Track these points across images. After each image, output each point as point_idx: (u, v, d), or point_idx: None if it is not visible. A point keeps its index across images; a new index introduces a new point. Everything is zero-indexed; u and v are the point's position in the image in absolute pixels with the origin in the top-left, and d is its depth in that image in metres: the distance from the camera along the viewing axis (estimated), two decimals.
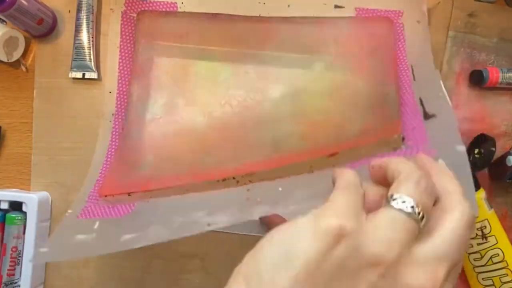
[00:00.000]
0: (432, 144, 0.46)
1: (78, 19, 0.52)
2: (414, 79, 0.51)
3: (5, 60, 0.51)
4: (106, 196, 0.47)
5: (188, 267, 0.52)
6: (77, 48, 0.52)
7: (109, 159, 0.52)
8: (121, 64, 0.53)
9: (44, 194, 0.52)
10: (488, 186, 0.52)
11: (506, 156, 0.49)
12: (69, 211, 0.47)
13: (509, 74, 0.51)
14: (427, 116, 0.48)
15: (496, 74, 0.51)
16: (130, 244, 0.39)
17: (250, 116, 0.51)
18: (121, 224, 0.45)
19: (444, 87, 0.52)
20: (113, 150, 0.52)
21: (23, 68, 0.53)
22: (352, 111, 0.49)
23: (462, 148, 0.40)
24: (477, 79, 0.52)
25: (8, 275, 0.49)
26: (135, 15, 0.53)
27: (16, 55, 0.52)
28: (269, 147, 0.49)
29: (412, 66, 0.52)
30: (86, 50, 0.52)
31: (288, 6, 0.54)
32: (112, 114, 0.52)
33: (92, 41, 0.52)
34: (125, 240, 0.40)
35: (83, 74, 0.52)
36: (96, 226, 0.45)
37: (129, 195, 0.47)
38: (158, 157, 0.49)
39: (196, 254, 0.52)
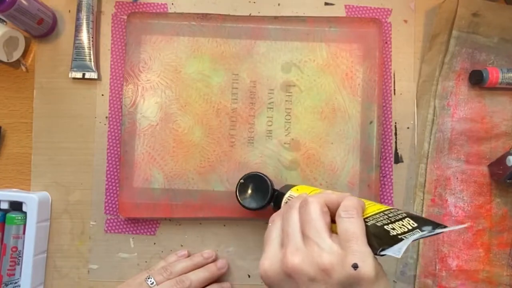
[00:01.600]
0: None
1: (78, 19, 0.52)
2: (394, 93, 0.53)
3: (5, 60, 0.51)
4: (127, 216, 0.51)
5: None
6: (77, 48, 0.52)
7: (112, 165, 0.52)
8: (112, 66, 0.53)
9: (44, 194, 0.52)
10: (488, 186, 0.52)
11: (506, 156, 0.49)
12: (92, 222, 0.52)
13: (509, 74, 0.51)
14: (397, 160, 0.53)
15: (496, 74, 0.51)
16: None
17: (244, 125, 0.52)
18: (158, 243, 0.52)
19: (444, 87, 0.53)
20: (112, 156, 0.52)
21: (23, 68, 0.53)
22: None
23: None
24: (477, 79, 0.52)
25: (8, 275, 0.49)
26: (125, 17, 0.53)
27: (16, 55, 0.52)
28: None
29: (394, 74, 0.53)
30: (86, 50, 0.52)
31: (279, 4, 0.54)
32: (106, 117, 0.53)
33: (92, 41, 0.52)
34: None
35: (83, 74, 0.52)
36: (132, 245, 0.52)
37: (149, 217, 0.52)
38: (165, 174, 0.51)
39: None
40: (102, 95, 0.53)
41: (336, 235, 0.32)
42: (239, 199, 0.46)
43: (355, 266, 0.29)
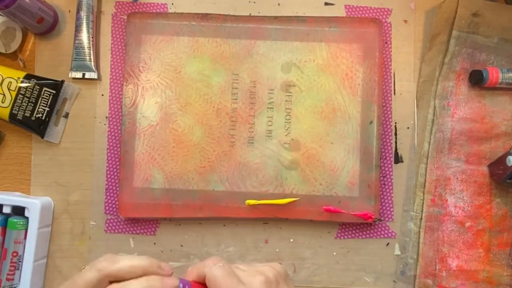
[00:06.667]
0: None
1: (78, 19, 0.52)
2: (394, 93, 0.53)
3: (3, 51, 0.51)
4: (127, 216, 0.51)
5: (188, 266, 0.52)
6: (77, 48, 0.52)
7: (112, 165, 0.52)
8: (112, 66, 0.53)
9: (47, 199, 0.51)
10: (488, 186, 0.52)
11: (506, 156, 0.49)
12: (92, 222, 0.52)
13: (509, 74, 0.51)
14: (397, 160, 0.53)
15: (496, 74, 0.51)
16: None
17: (244, 125, 0.52)
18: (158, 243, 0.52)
19: (444, 87, 0.53)
20: (112, 156, 0.52)
21: (21, 64, 0.53)
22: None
23: None
24: (477, 79, 0.52)
25: (8, 279, 0.48)
26: (125, 17, 0.53)
27: (14, 46, 0.52)
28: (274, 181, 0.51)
29: (394, 74, 0.54)
30: (86, 50, 0.52)
31: (279, 4, 0.54)
32: (106, 117, 0.53)
33: (92, 41, 0.52)
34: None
35: (83, 74, 0.52)
36: (132, 245, 0.52)
37: (149, 217, 0.52)
38: (165, 174, 0.51)
39: (197, 254, 0.52)
40: (102, 95, 0.53)
41: None
42: None
43: None
